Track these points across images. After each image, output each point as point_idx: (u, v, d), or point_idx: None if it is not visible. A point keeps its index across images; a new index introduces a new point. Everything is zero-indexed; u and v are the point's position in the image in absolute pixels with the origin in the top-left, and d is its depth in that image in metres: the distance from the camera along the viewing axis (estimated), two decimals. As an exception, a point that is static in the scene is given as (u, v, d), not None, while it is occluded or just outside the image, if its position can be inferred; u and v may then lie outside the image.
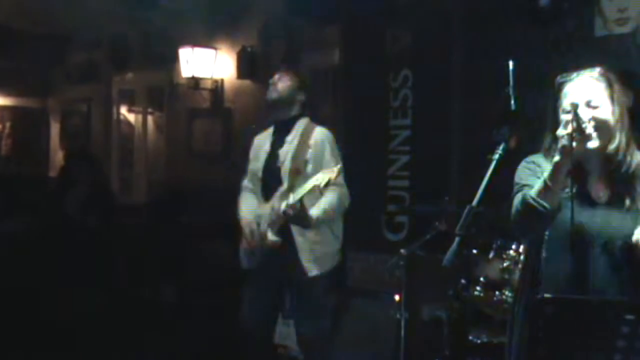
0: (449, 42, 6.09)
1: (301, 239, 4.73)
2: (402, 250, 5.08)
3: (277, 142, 4.85)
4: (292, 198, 4.55)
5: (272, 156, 4.83)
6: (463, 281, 4.67)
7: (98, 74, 10.26)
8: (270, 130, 4.95)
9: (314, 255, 4.77)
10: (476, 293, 4.60)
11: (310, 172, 4.67)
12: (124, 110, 10.14)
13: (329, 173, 4.45)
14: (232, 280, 5.21)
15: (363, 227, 6.56)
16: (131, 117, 10.06)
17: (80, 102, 10.71)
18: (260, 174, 4.84)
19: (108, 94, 10.17)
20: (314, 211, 4.65)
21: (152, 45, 9.21)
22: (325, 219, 4.72)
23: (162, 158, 9.42)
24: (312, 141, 4.77)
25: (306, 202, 4.57)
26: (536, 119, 3.42)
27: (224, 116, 8.40)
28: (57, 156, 10.91)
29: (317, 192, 4.53)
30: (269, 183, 4.81)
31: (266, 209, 4.76)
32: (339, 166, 4.51)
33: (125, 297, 6.93)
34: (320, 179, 4.45)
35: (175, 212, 7.82)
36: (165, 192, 8.72)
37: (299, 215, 4.57)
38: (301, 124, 4.84)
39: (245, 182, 5.02)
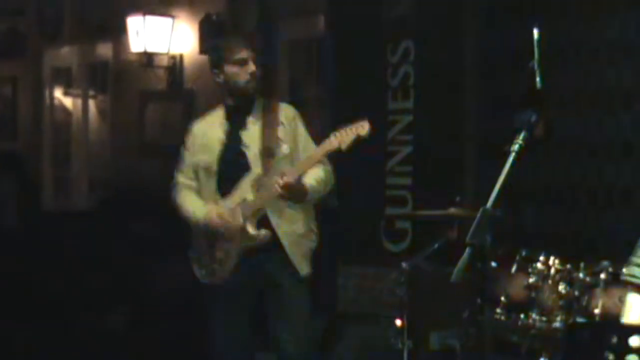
0: (460, 5, 6.11)
1: (285, 231, 4.80)
2: (404, 264, 5.09)
3: (235, 125, 4.92)
4: (291, 173, 4.64)
5: (232, 142, 4.89)
6: (479, 301, 4.68)
7: (23, 47, 10.24)
8: (217, 114, 5.01)
9: (302, 250, 4.86)
10: (496, 316, 4.62)
11: (286, 152, 4.79)
12: (58, 92, 10.14)
13: (355, 130, 4.56)
14: (195, 303, 5.21)
15: (357, 235, 6.58)
16: (68, 102, 10.07)
17: (2, 83, 10.70)
18: (215, 166, 4.89)
19: (37, 72, 10.18)
20: (307, 180, 4.75)
21: (92, 12, 9.20)
22: (318, 192, 4.83)
23: (106, 152, 9.42)
24: (281, 118, 4.87)
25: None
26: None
27: (183, 99, 8.42)
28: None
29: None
30: (230, 173, 4.86)
31: (230, 202, 4.81)
32: (367, 121, 4.59)
33: (62, 326, 6.93)
34: (337, 140, 4.56)
35: (123, 220, 7.82)
36: (110, 195, 8.72)
37: (298, 187, 4.67)
38: (259, 102, 4.93)
39: (181, 179, 5.07)
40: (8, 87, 10.63)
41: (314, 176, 4.78)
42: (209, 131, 4.97)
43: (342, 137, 4.59)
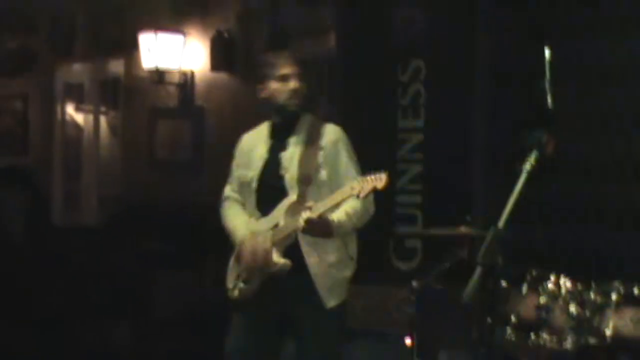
0: (472, 25, 6.11)
1: (315, 260, 4.70)
2: (414, 282, 5.08)
3: (277, 144, 4.84)
4: (315, 209, 4.54)
5: (272, 162, 4.82)
6: (489, 321, 4.67)
7: (36, 63, 10.27)
8: (264, 129, 4.95)
9: (331, 281, 4.75)
10: (506, 336, 4.61)
11: (324, 179, 4.71)
12: (70, 108, 10.15)
13: (373, 182, 4.50)
14: (206, 322, 5.20)
15: (366, 253, 6.56)
16: (79, 117, 10.08)
17: (14, 98, 10.72)
18: (254, 184, 4.84)
19: (49, 88, 10.19)
20: (336, 215, 4.65)
21: (104, 28, 9.23)
22: (347, 227, 4.72)
23: (117, 168, 9.43)
24: (323, 142, 4.77)
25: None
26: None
27: (194, 116, 8.43)
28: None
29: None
30: (268, 194, 4.79)
31: (265, 224, 4.76)
32: (385, 173, 4.54)
33: (69, 340, 6.94)
34: (357, 188, 4.49)
35: (133, 236, 7.83)
36: (121, 211, 8.73)
37: (322, 224, 4.58)
38: (305, 121, 4.85)
39: (229, 192, 5.02)
40: (20, 102, 10.64)
41: (348, 208, 4.67)
42: (253, 146, 4.90)
43: (362, 186, 4.48)
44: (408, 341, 5.09)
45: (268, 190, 4.78)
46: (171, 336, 6.92)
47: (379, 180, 4.50)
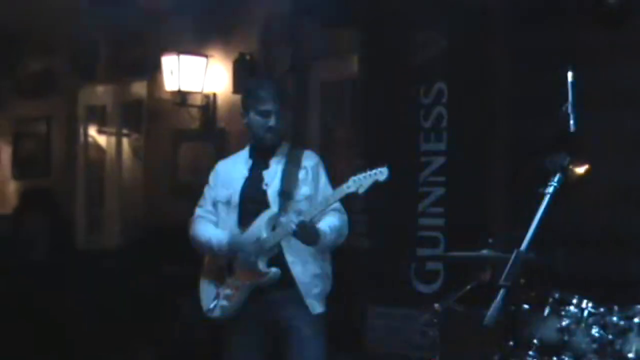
0: (492, 48, 6.14)
1: (300, 269, 4.85)
2: (436, 305, 5.09)
3: (258, 164, 5.03)
4: (307, 213, 4.72)
5: (254, 179, 4.99)
6: (512, 344, 4.68)
7: (59, 86, 10.35)
8: (243, 154, 5.12)
9: (317, 289, 4.90)
10: (528, 359, 4.61)
11: (306, 195, 4.89)
12: (92, 131, 10.21)
13: (374, 176, 4.62)
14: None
15: (388, 275, 6.58)
16: (102, 140, 10.13)
17: (37, 121, 10.80)
18: (235, 198, 4.95)
19: (72, 111, 10.27)
20: (321, 226, 4.80)
21: (127, 51, 9.30)
22: (329, 240, 4.86)
23: (139, 191, 9.48)
24: (303, 163, 4.97)
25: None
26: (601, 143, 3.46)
27: (216, 139, 8.47)
28: (8, 189, 10.97)
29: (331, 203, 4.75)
30: (250, 209, 4.94)
31: (246, 238, 4.85)
32: (386, 167, 4.64)
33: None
34: (353, 187, 4.63)
35: (156, 260, 7.85)
36: (143, 234, 8.75)
37: (313, 228, 4.72)
38: (284, 147, 5.04)
39: (200, 212, 5.13)
40: (42, 125, 10.71)
41: (329, 223, 4.84)
42: (232, 168, 5.09)
43: (361, 182, 4.65)
44: (430, 364, 5.10)
45: (250, 206, 4.96)
46: (191, 358, 6.94)
47: (380, 173, 4.62)
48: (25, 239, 7.78)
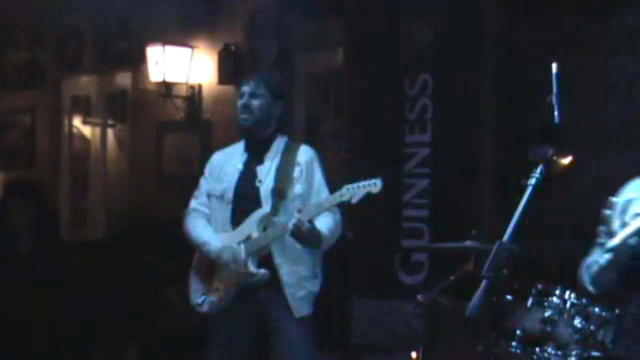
0: (478, 39, 6.15)
1: (287, 271, 4.84)
2: (419, 297, 5.11)
3: (253, 159, 4.99)
4: (305, 214, 4.69)
5: (248, 174, 4.95)
6: (495, 335, 4.69)
7: (43, 77, 10.32)
8: (239, 146, 5.08)
9: (302, 292, 4.88)
10: (512, 350, 4.62)
11: (299, 194, 4.86)
12: (77, 121, 10.18)
13: (366, 188, 4.63)
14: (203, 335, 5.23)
15: (372, 267, 6.59)
16: (86, 131, 10.10)
17: (21, 112, 10.75)
18: (229, 194, 4.93)
19: (56, 102, 10.23)
20: (320, 228, 4.79)
21: (111, 41, 9.28)
22: (327, 241, 4.86)
23: (124, 182, 9.46)
24: (298, 159, 4.93)
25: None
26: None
27: (202, 130, 8.47)
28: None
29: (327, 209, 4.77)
30: (243, 206, 4.92)
31: (237, 237, 4.85)
32: (380, 180, 4.66)
33: (77, 356, 6.94)
34: (347, 195, 4.65)
35: (141, 251, 7.83)
36: (128, 226, 8.73)
37: (311, 231, 4.69)
38: (280, 142, 4.99)
39: (195, 205, 5.12)
40: (27, 116, 10.66)
41: (326, 225, 4.83)
42: (227, 161, 5.04)
43: (354, 192, 4.66)
44: (414, 355, 5.11)
45: (243, 203, 4.93)
46: (176, 351, 6.93)
47: (374, 186, 4.62)
48: (10, 231, 7.74)
